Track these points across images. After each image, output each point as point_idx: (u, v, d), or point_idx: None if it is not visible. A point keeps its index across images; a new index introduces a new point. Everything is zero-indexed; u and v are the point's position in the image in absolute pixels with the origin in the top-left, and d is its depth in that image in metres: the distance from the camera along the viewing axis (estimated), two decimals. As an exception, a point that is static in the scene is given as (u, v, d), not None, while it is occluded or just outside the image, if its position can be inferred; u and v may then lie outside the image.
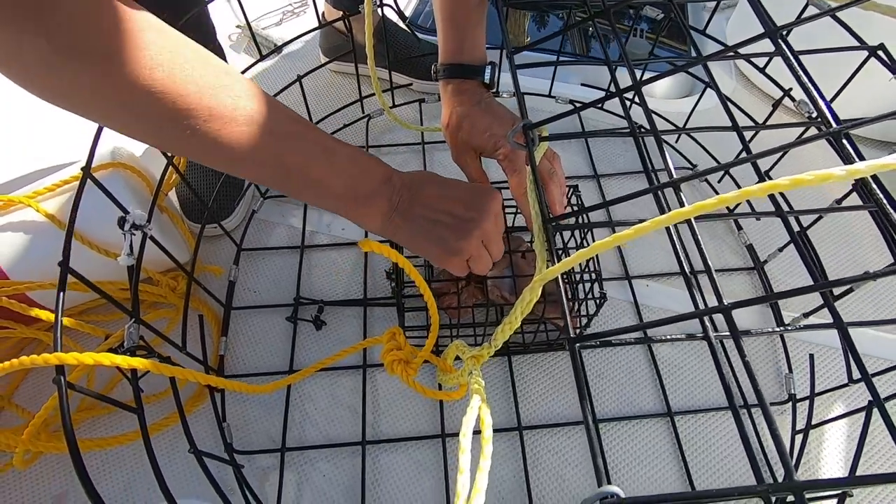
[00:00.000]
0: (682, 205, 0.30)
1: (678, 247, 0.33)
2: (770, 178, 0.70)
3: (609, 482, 0.25)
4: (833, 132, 0.28)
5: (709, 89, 0.75)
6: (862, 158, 0.42)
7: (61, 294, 0.35)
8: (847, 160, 0.29)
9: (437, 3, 0.53)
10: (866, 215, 0.72)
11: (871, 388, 0.38)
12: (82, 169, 0.41)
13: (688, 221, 0.31)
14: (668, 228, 0.32)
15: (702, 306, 0.28)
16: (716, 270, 0.70)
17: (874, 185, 0.29)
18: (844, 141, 0.29)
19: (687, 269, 0.32)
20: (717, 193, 0.75)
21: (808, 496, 0.51)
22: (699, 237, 0.30)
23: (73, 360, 0.31)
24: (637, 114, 0.83)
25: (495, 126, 0.52)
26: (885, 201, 0.28)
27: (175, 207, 0.69)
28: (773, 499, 0.24)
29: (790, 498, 0.23)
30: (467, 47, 0.53)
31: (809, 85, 0.31)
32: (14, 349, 0.60)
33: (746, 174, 0.75)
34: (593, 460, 0.26)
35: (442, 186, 0.45)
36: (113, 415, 0.58)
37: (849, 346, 0.41)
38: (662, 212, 0.31)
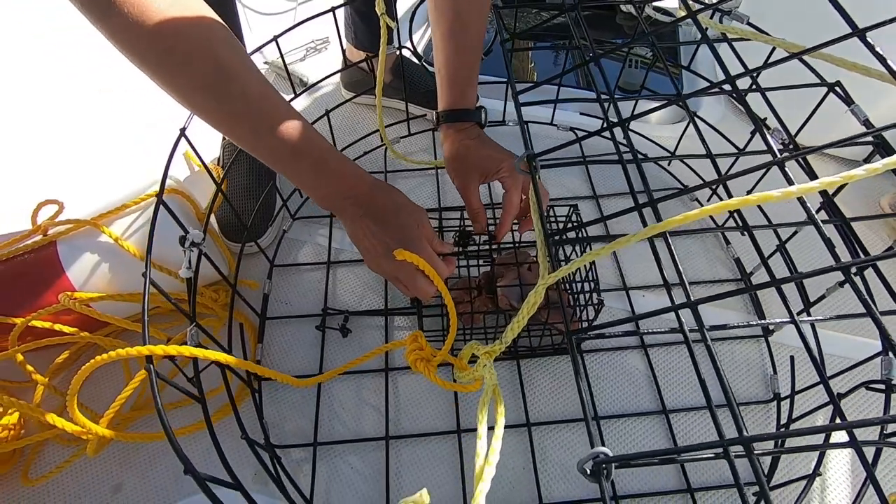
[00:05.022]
0: (658, 220, 0.36)
1: (659, 256, 0.40)
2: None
3: (603, 443, 0.32)
4: (777, 161, 0.35)
5: (696, 117, 0.82)
6: (815, 177, 0.49)
7: (146, 298, 0.42)
8: (789, 182, 0.35)
9: (440, 62, 0.62)
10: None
11: (828, 390, 0.44)
12: (157, 195, 0.49)
13: (665, 237, 0.38)
14: (650, 241, 0.39)
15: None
16: (707, 282, 0.77)
17: (808, 204, 0.35)
18: (786, 167, 0.36)
19: (668, 278, 0.39)
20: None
21: (778, 481, 0.56)
22: (675, 250, 0.37)
23: (160, 350, 0.38)
24: (631, 139, 0.90)
25: (493, 153, 0.62)
26: (815, 217, 0.35)
27: (214, 228, 0.77)
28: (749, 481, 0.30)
29: None
30: (467, 96, 0.63)
31: (759, 121, 0.38)
32: (74, 355, 0.67)
33: (736, 191, 0.81)
34: (587, 426, 0.33)
35: (379, 224, 0.52)
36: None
37: (805, 345, 0.47)
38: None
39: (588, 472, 0.32)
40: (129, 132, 0.97)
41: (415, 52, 0.86)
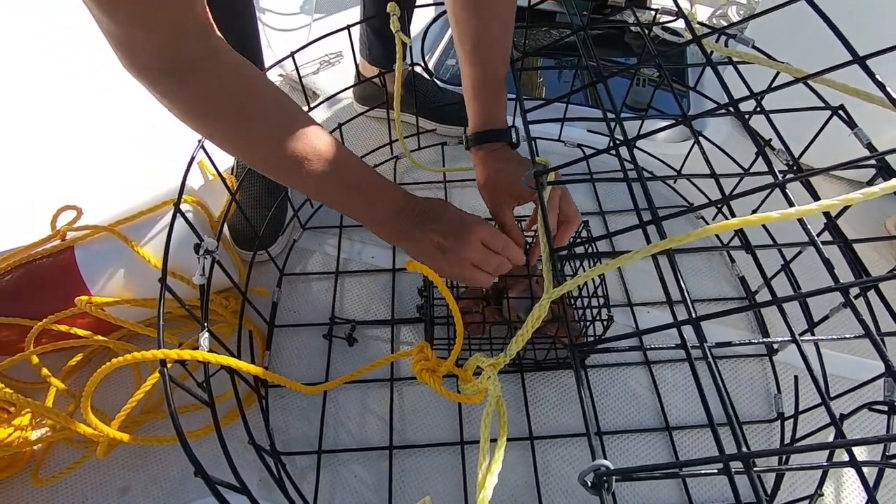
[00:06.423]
0: (662, 237, 0.37)
1: (663, 273, 0.41)
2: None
3: (605, 457, 0.32)
4: (778, 183, 0.36)
5: (702, 137, 0.83)
6: (818, 198, 0.50)
7: (162, 304, 0.43)
8: (790, 203, 0.36)
9: (466, 83, 0.61)
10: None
11: (829, 410, 0.44)
12: (174, 204, 0.50)
13: (668, 255, 0.39)
14: (653, 259, 0.40)
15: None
16: (712, 299, 0.77)
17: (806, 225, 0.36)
18: (790, 188, 0.37)
19: (673, 295, 0.39)
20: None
21: (781, 501, 0.56)
22: (680, 267, 0.38)
23: (175, 354, 0.39)
24: (638, 156, 0.91)
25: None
26: (816, 239, 0.35)
27: (226, 236, 0.78)
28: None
29: None
30: (494, 115, 0.62)
31: (761, 145, 0.39)
32: (86, 358, 0.68)
33: (741, 210, 0.81)
34: (588, 439, 0.33)
35: (436, 222, 0.54)
36: (167, 419, 0.65)
37: (806, 365, 0.47)
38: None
39: (589, 484, 0.32)
40: (129, 132, 1.00)
41: (426, 69, 0.88)
